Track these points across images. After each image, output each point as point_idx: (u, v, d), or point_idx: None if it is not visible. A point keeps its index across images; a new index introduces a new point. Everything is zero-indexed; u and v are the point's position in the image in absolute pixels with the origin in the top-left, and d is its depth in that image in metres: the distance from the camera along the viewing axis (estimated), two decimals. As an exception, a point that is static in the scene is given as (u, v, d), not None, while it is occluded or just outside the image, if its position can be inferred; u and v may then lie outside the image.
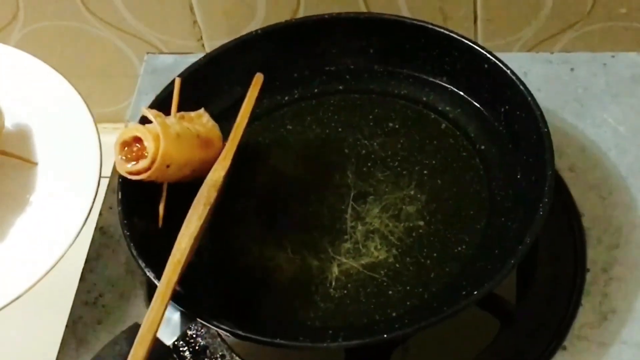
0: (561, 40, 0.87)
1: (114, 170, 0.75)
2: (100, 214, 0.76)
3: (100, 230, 0.75)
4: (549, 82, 0.79)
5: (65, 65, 1.01)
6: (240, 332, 0.59)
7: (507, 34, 0.87)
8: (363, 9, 0.88)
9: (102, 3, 0.93)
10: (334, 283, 0.64)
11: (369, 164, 0.70)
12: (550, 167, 0.62)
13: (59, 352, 0.69)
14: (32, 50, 0.99)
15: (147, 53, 0.89)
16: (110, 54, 1.00)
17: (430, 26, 0.71)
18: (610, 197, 0.71)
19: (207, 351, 0.66)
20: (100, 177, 0.69)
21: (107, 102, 1.07)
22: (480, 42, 0.87)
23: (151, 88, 0.84)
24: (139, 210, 0.65)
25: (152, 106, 0.69)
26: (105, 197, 0.77)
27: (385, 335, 0.58)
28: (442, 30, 0.71)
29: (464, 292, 0.60)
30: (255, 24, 0.91)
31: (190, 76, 0.72)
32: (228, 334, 0.62)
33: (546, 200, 0.61)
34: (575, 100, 0.78)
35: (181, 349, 0.66)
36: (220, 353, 0.66)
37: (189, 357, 0.66)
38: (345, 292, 0.64)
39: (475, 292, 0.58)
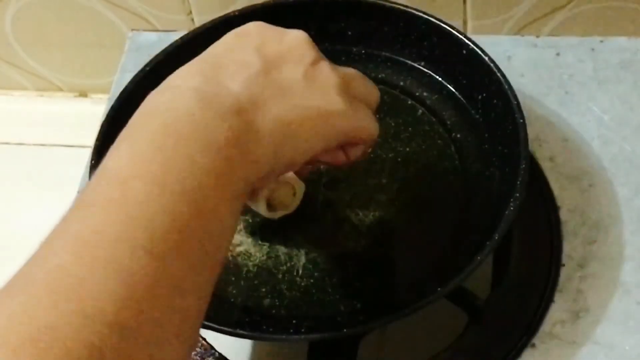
0: (553, 20, 0.84)
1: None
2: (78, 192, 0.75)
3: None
4: (533, 67, 0.76)
5: (58, 35, 1.01)
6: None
7: (496, 14, 0.84)
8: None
9: (93, -25, 0.92)
10: (300, 271, 0.63)
11: (343, 150, 0.69)
12: (523, 161, 0.60)
13: None
14: (28, 21, 0.99)
15: (132, 30, 0.87)
16: (101, 26, 0.98)
17: (410, 10, 0.69)
18: (590, 189, 0.69)
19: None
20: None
21: (99, 74, 1.06)
22: (469, 21, 0.85)
23: (134, 66, 0.82)
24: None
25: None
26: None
27: (345, 330, 0.57)
28: (421, 14, 0.69)
29: (431, 286, 0.58)
30: (243, 0, 0.89)
31: (170, 54, 0.70)
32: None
33: (517, 195, 0.59)
34: (559, 87, 0.75)
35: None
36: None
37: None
38: (312, 281, 0.62)
39: (440, 288, 0.57)
